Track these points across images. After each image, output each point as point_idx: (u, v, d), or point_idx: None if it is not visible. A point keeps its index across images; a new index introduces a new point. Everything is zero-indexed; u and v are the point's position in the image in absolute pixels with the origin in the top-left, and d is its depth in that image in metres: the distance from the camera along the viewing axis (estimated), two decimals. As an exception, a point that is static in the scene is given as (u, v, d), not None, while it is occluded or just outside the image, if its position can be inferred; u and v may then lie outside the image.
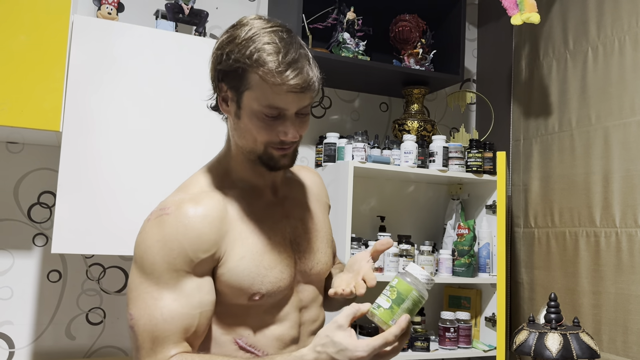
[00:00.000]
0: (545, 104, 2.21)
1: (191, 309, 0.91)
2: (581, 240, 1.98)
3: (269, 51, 0.91)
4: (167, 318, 0.89)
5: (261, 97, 0.92)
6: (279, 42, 0.92)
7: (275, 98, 0.92)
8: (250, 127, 0.95)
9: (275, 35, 0.93)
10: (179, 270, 0.91)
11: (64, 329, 1.94)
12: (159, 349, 0.89)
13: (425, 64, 2.27)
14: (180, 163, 1.77)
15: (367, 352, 0.84)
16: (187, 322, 0.90)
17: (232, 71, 0.94)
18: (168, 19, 1.90)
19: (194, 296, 0.92)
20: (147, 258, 0.92)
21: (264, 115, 0.94)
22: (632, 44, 1.86)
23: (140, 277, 0.92)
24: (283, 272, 1.00)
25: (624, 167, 1.85)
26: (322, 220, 1.13)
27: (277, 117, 0.94)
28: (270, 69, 0.90)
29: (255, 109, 0.94)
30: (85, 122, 1.68)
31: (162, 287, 0.90)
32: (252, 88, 0.93)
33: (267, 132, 0.95)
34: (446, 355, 2.10)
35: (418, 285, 0.89)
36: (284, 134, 0.95)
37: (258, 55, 0.91)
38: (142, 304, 0.90)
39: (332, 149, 2.14)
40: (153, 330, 0.89)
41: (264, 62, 0.90)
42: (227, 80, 0.96)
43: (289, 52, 0.92)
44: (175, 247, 0.91)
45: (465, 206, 2.40)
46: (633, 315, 1.77)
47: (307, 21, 2.12)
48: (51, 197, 1.96)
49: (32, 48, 1.60)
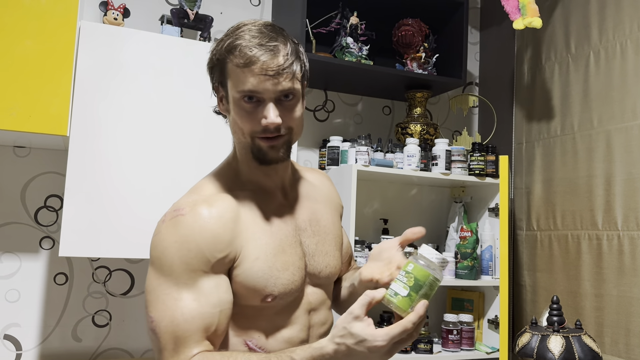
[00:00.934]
0: (548, 108, 2.22)
1: (211, 308, 0.91)
2: (583, 243, 1.99)
3: (242, 37, 0.94)
4: (188, 318, 0.90)
5: (236, 82, 0.95)
6: (255, 32, 0.94)
7: (247, 81, 0.93)
8: (235, 118, 0.98)
9: (255, 27, 0.96)
10: (197, 270, 0.92)
11: (70, 331, 1.96)
12: (181, 349, 0.89)
13: (427, 67, 2.28)
14: (187, 167, 1.79)
15: (386, 341, 0.83)
16: (207, 321, 0.91)
17: (214, 66, 0.99)
18: (173, 24, 1.92)
19: (212, 295, 0.92)
20: (164, 259, 0.92)
21: (243, 103, 0.95)
22: (633, 48, 1.87)
23: (158, 279, 0.93)
24: (294, 274, 1.00)
25: (626, 170, 1.86)
26: (331, 223, 1.13)
27: (257, 104, 0.95)
28: (240, 51, 0.93)
29: (235, 97, 0.97)
30: (92, 127, 1.70)
31: (181, 287, 0.91)
32: (229, 76, 0.96)
33: (248, 119, 0.96)
34: (449, 357, 2.11)
35: (434, 269, 0.87)
36: (265, 118, 0.94)
37: (230, 41, 0.94)
38: (162, 305, 0.91)
39: (335, 153, 2.15)
40: (175, 330, 0.89)
41: (234, 46, 0.94)
42: (215, 78, 1.01)
43: (261, 36, 0.93)
44: (192, 248, 0.92)
45: (468, 209, 2.41)
46: (635, 318, 1.78)
47: (311, 26, 2.14)
48: (57, 200, 1.98)
49: (40, 53, 1.61)
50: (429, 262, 0.88)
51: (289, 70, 0.94)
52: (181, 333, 0.89)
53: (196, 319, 0.90)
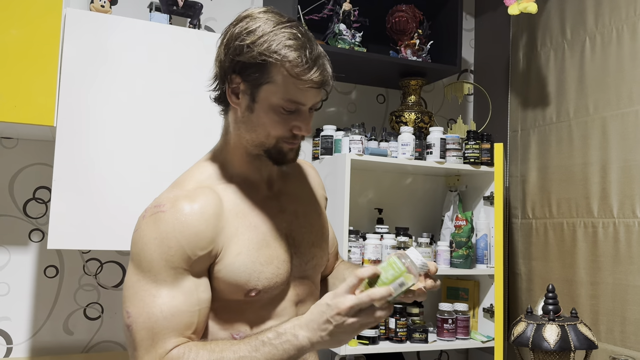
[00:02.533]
0: (543, 95, 2.20)
1: (190, 306, 0.91)
2: (579, 231, 1.98)
3: (295, 47, 0.92)
4: (167, 315, 0.89)
5: (283, 91, 0.94)
6: (301, 37, 0.94)
7: (297, 93, 0.94)
8: (265, 120, 0.96)
9: (296, 31, 0.95)
10: (177, 268, 0.90)
11: (61, 325, 1.94)
12: (159, 345, 0.88)
13: (422, 55, 2.25)
14: (176, 157, 1.76)
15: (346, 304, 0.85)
16: (187, 319, 0.90)
17: (253, 64, 0.94)
18: (162, 11, 1.88)
19: (192, 293, 0.91)
20: (144, 256, 0.91)
21: (281, 110, 0.95)
22: (630, 33, 1.85)
23: (137, 275, 0.91)
24: (279, 268, 0.99)
25: (622, 157, 1.84)
26: (317, 214, 1.13)
27: (293, 112, 0.96)
28: (298, 65, 0.92)
29: (274, 103, 0.95)
30: (80, 117, 1.67)
31: (160, 284, 0.90)
32: (274, 82, 0.94)
33: (282, 126, 0.96)
34: (444, 346, 2.11)
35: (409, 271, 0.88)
36: (298, 129, 0.97)
37: (286, 50, 0.92)
38: (140, 302, 0.90)
39: (329, 142, 2.13)
40: (153, 327, 0.88)
41: (292, 57, 0.92)
42: (244, 73, 0.95)
43: (313, 49, 0.94)
44: (173, 245, 0.90)
45: (463, 198, 2.39)
46: (631, 306, 1.77)
47: (303, 12, 2.10)
48: (47, 192, 1.95)
49: (25, 42, 1.58)
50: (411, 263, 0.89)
51: (330, 85, 0.97)
52: (159, 329, 0.88)
53: (176, 317, 0.89)
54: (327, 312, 0.86)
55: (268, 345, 0.87)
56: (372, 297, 0.85)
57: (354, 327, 0.86)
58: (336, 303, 0.85)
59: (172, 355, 0.88)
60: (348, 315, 0.85)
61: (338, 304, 0.85)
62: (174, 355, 0.88)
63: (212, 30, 2.19)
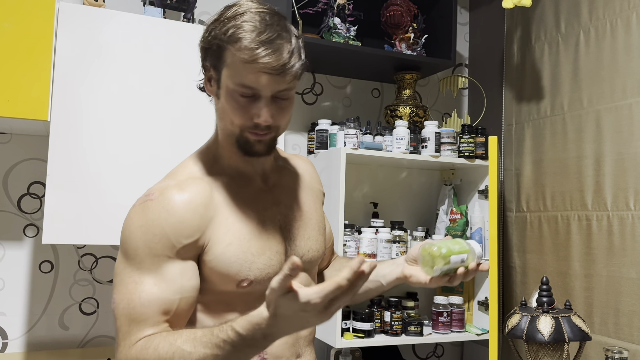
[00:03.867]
0: (537, 88, 2.20)
1: (171, 294, 0.91)
2: (573, 224, 1.99)
3: (245, 28, 0.90)
4: (144, 302, 0.89)
5: (235, 74, 0.92)
6: (259, 22, 0.91)
7: (247, 76, 0.91)
8: (227, 107, 0.95)
9: (258, 16, 0.92)
10: (160, 256, 0.91)
11: (57, 320, 1.94)
12: (134, 330, 0.89)
13: (416, 48, 2.25)
14: (171, 150, 1.76)
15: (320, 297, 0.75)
16: (164, 306, 0.90)
17: (211, 48, 0.95)
18: (156, 5, 1.87)
19: (175, 281, 0.91)
20: (130, 243, 0.92)
21: (238, 96, 0.93)
22: (624, 26, 1.85)
23: (123, 263, 0.93)
24: (272, 259, 0.99)
25: (616, 150, 1.85)
26: (313, 208, 1.12)
27: (252, 99, 0.93)
28: (243, 46, 0.89)
29: (230, 88, 0.94)
30: (74, 111, 1.66)
31: (143, 272, 0.91)
32: (227, 66, 0.93)
33: (241, 113, 0.94)
34: (439, 339, 2.12)
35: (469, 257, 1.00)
36: (257, 116, 0.93)
37: (233, 31, 0.91)
38: (124, 288, 0.91)
39: (324, 136, 2.13)
40: (130, 313, 0.89)
41: (238, 38, 0.90)
42: (209, 59, 0.97)
43: (266, 32, 0.90)
44: (157, 233, 0.91)
45: (458, 191, 2.40)
46: (624, 298, 1.78)
47: (297, 6, 2.09)
48: (41, 187, 1.95)
49: (17, 36, 1.57)
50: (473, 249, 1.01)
51: (290, 71, 0.92)
52: (136, 316, 0.89)
53: (153, 304, 0.89)
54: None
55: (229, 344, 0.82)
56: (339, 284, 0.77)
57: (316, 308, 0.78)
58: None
59: (139, 344, 0.88)
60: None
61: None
62: (139, 345, 0.88)
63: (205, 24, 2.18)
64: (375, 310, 2.05)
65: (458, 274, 0.99)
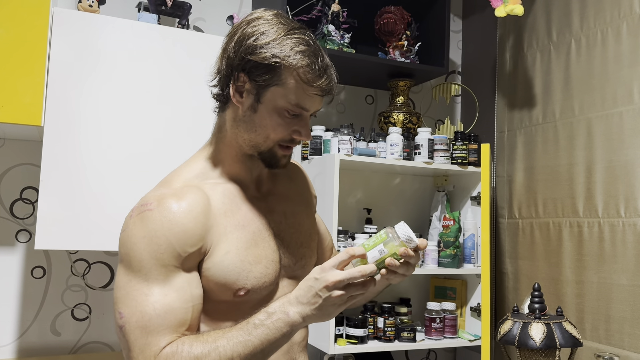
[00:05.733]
0: (529, 96, 2.22)
1: (183, 303, 0.90)
2: (564, 231, 2.00)
3: (307, 53, 0.94)
4: (160, 313, 0.88)
5: (291, 95, 0.95)
6: (312, 44, 0.96)
7: (305, 99, 0.96)
8: (268, 122, 0.97)
9: (308, 38, 0.97)
10: (167, 266, 0.90)
11: (49, 325, 1.92)
12: (153, 343, 0.87)
13: (410, 56, 2.27)
14: (165, 156, 1.76)
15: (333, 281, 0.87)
16: (180, 316, 0.89)
17: (265, 65, 0.94)
18: (150, 11, 1.88)
19: (184, 290, 0.91)
20: (134, 255, 0.90)
21: (286, 113, 0.96)
22: (614, 35, 1.88)
23: (128, 275, 0.91)
24: (268, 267, 0.99)
25: (607, 157, 1.87)
26: (306, 214, 1.13)
27: (295, 116, 0.97)
28: (310, 71, 0.94)
29: (279, 105, 0.96)
30: (67, 117, 1.66)
31: (151, 283, 0.89)
32: (283, 84, 0.95)
33: (283, 129, 0.97)
34: (432, 345, 2.12)
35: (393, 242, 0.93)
36: (298, 134, 0.98)
37: (299, 56, 0.94)
38: (132, 301, 0.89)
39: (318, 142, 2.14)
40: (146, 325, 0.87)
41: (304, 63, 0.94)
42: (252, 72, 0.95)
43: (324, 57, 0.97)
44: (162, 243, 0.90)
45: (451, 198, 2.41)
46: (615, 304, 1.80)
47: (292, 13, 2.11)
48: (34, 192, 1.94)
49: (12, 42, 1.57)
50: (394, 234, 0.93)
51: (332, 95, 1.00)
52: (153, 328, 0.88)
53: (169, 314, 0.88)
54: (315, 286, 0.88)
55: (260, 326, 0.88)
56: (362, 272, 0.87)
57: (343, 299, 0.88)
58: (324, 277, 0.87)
59: (166, 352, 0.87)
60: (336, 288, 0.87)
61: (326, 277, 0.87)
62: (167, 352, 0.87)
63: (200, 31, 2.19)
64: (368, 316, 2.05)
65: (388, 264, 0.91)
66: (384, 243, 0.91)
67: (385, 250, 0.91)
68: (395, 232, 0.93)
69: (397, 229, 0.93)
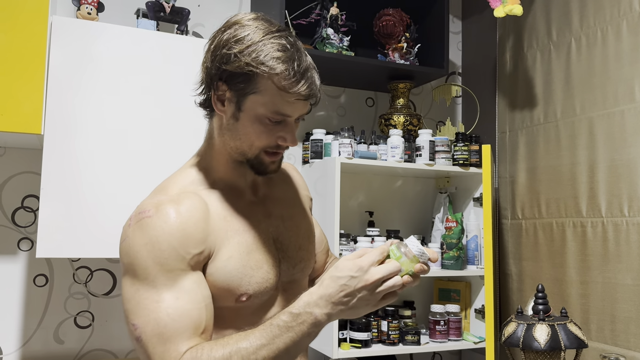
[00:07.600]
0: (530, 96, 2.21)
1: (196, 303, 0.89)
2: (568, 231, 1.99)
3: (283, 59, 0.91)
4: (175, 317, 0.86)
5: (269, 102, 0.93)
6: (290, 48, 0.93)
7: (284, 105, 0.93)
8: (250, 130, 0.95)
9: (285, 41, 0.94)
10: (173, 270, 0.89)
11: (52, 333, 1.92)
12: (172, 349, 0.86)
13: (409, 58, 2.26)
14: (164, 163, 1.75)
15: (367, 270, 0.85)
16: (195, 317, 0.88)
17: (240, 73, 0.92)
18: (149, 17, 1.88)
19: (194, 291, 0.89)
20: (138, 264, 0.89)
21: (267, 120, 0.94)
22: (614, 34, 1.87)
23: (134, 285, 0.89)
24: (269, 272, 0.99)
25: (609, 156, 1.86)
26: (302, 217, 1.13)
27: (279, 123, 0.95)
28: (286, 78, 0.91)
29: (260, 113, 0.94)
30: (67, 124, 1.66)
31: (160, 289, 0.88)
32: (260, 92, 0.93)
33: (266, 136, 0.95)
34: (437, 348, 2.11)
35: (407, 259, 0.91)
36: (283, 140, 0.96)
37: (274, 62, 0.91)
38: (144, 310, 0.87)
39: (318, 146, 2.13)
40: (163, 332, 0.86)
41: (280, 70, 0.91)
42: (230, 81, 0.94)
43: (301, 61, 0.93)
44: (164, 248, 0.89)
45: (453, 199, 2.40)
46: (620, 304, 1.79)
47: (290, 17, 2.11)
48: (35, 200, 1.94)
49: (11, 50, 1.57)
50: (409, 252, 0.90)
51: (318, 97, 0.97)
52: (170, 333, 0.86)
53: (183, 317, 0.87)
54: (351, 285, 0.85)
55: (285, 329, 0.86)
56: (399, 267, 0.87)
57: (378, 298, 0.86)
58: (363, 277, 0.85)
59: (186, 358, 0.85)
60: (376, 287, 0.85)
61: (367, 278, 0.85)
62: (187, 358, 0.85)
63: (200, 36, 2.19)
64: (372, 319, 2.04)
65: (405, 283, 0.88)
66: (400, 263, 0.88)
67: (402, 269, 0.89)
68: (407, 247, 0.90)
69: (409, 244, 0.90)
